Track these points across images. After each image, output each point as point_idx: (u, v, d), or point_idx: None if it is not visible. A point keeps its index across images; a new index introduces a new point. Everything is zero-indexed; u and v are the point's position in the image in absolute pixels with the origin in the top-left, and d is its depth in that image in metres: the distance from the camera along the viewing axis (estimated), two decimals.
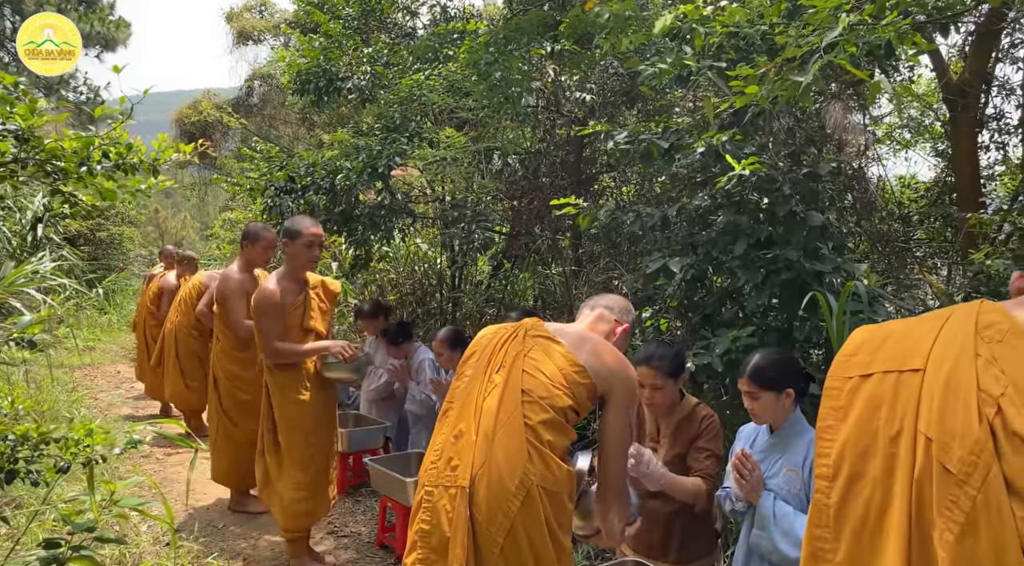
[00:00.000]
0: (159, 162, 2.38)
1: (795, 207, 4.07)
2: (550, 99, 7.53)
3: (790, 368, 3.03)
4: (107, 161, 2.24)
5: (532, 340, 2.52)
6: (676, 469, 3.36)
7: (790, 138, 4.85)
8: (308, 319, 4.42)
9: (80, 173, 2.19)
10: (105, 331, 14.72)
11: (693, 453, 3.32)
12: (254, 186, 7.21)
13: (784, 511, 2.86)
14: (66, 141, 2.20)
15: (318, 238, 4.36)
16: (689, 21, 3.41)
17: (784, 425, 3.01)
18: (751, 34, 3.37)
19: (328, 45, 7.29)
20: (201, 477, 6.10)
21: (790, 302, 4.21)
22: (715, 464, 3.29)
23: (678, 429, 3.40)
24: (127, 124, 2.47)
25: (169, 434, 2.48)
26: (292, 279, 4.40)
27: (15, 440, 2.12)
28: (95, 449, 2.27)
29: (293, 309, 4.37)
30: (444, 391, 5.22)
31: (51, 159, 2.16)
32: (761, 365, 2.97)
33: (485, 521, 2.26)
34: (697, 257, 4.53)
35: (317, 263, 4.46)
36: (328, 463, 4.54)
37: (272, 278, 4.37)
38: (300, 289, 4.43)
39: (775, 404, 2.95)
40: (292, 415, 4.35)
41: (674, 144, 4.46)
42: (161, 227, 26.03)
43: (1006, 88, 7.26)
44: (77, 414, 7.55)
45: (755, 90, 2.97)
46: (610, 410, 2.52)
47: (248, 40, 15.87)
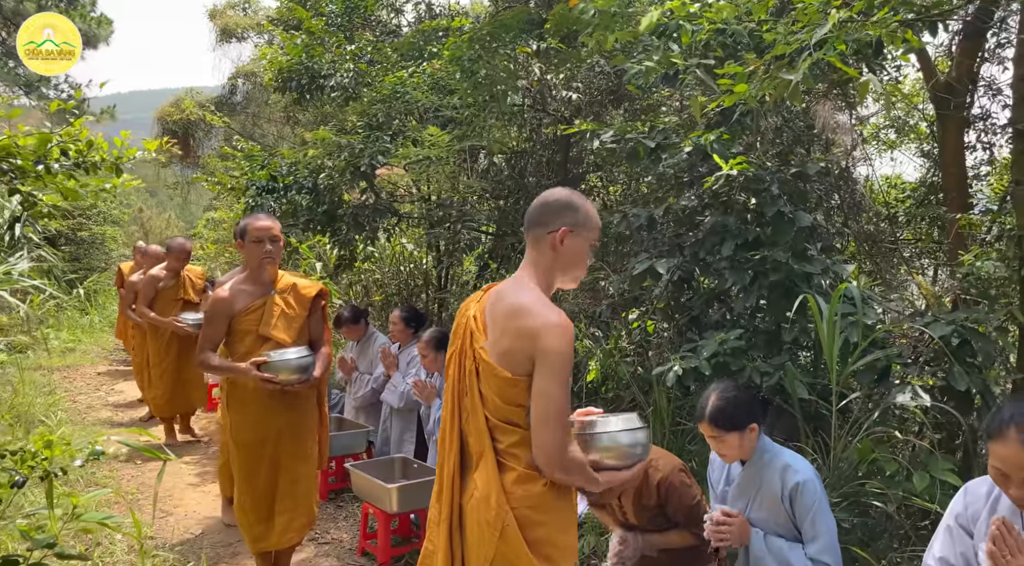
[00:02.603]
0: (122, 161, 2.28)
1: (783, 207, 4.00)
2: (536, 98, 7.44)
3: (749, 403, 2.93)
4: (66, 159, 2.14)
5: (473, 362, 2.32)
6: (655, 518, 3.28)
7: (777, 137, 4.78)
8: (265, 326, 3.92)
9: (38, 172, 2.09)
10: (86, 332, 14.53)
11: (672, 514, 3.24)
12: (236, 185, 7.10)
13: (777, 546, 2.83)
14: (21, 138, 2.10)
15: (266, 232, 3.86)
16: (676, 18, 3.34)
17: (753, 457, 2.94)
18: (739, 31, 3.29)
19: (310, 42, 7.17)
20: (180, 483, 5.98)
21: (778, 304, 4.14)
22: (698, 514, 3.16)
23: (636, 497, 3.27)
24: (109, 122, 2.37)
25: (135, 444, 2.38)
26: (252, 281, 3.98)
27: None
28: (54, 461, 2.16)
29: (245, 314, 3.92)
30: (427, 393, 5.17)
31: (6, 157, 2.06)
32: (720, 407, 2.87)
33: (472, 553, 2.31)
34: (684, 258, 4.46)
35: (275, 260, 3.96)
36: (272, 490, 4.01)
37: (229, 282, 4.04)
38: (261, 292, 3.97)
39: (741, 443, 2.89)
40: (230, 429, 4.05)
41: (660, 144, 4.39)
42: (145, 226, 25.81)
43: (992, 88, 7.21)
44: (53, 418, 7.41)
45: (744, 88, 2.89)
46: (536, 375, 2.19)
47: (231, 37, 15.69)
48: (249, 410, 3.96)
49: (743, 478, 2.97)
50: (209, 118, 12.35)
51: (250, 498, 4.01)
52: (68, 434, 7.00)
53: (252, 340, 3.94)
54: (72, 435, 7.01)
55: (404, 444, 5.56)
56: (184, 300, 7.12)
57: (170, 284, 7.06)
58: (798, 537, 2.85)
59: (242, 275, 4.05)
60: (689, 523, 3.20)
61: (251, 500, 4.01)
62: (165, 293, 7.00)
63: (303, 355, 3.90)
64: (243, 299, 3.95)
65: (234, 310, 3.92)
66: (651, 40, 3.60)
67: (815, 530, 2.78)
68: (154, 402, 7.25)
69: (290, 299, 4.04)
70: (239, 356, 3.94)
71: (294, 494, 4.05)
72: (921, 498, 3.32)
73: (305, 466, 4.11)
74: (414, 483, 4.54)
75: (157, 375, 7.02)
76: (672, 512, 3.23)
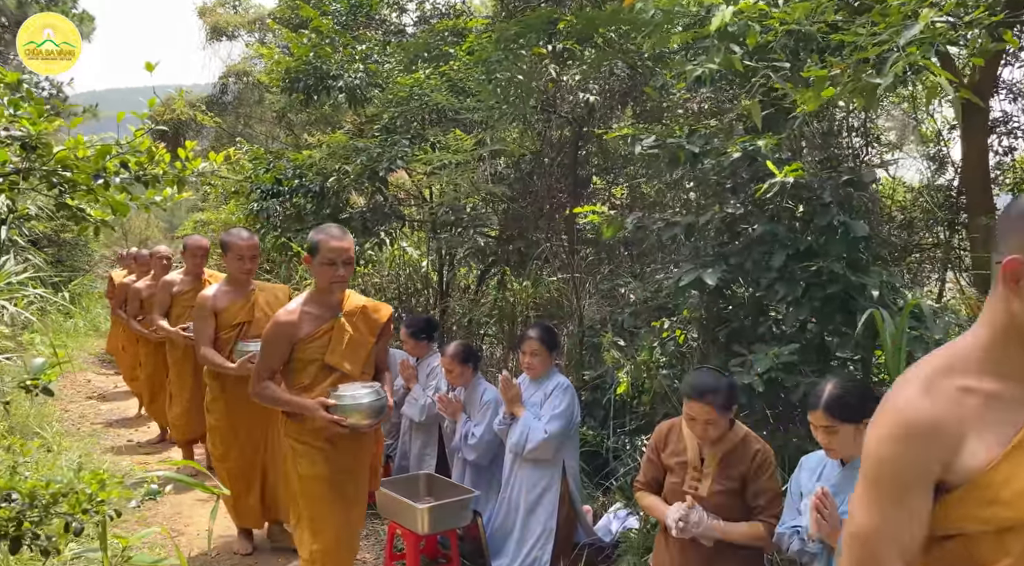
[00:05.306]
0: (185, 173, 2.07)
1: (837, 216, 3.84)
2: (547, 99, 7.26)
3: (867, 396, 2.80)
4: (125, 172, 1.93)
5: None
6: (726, 504, 3.12)
7: (825, 142, 4.63)
8: (332, 354, 3.55)
9: (92, 186, 1.88)
10: (71, 336, 14.15)
11: (752, 494, 3.08)
12: (239, 188, 6.87)
13: None
14: (82, 149, 1.88)
15: (340, 255, 3.48)
16: (745, 18, 3.17)
17: (859, 457, 2.77)
18: (811, 32, 3.13)
19: (318, 42, 6.94)
20: (188, 499, 5.73)
21: (829, 317, 3.99)
22: (778, 504, 3.04)
23: (726, 462, 3.15)
24: (92, 121, 2.16)
25: (190, 482, 2.18)
26: (318, 303, 3.60)
27: (22, 501, 1.79)
28: (110, 502, 1.95)
29: (310, 340, 3.56)
30: (453, 408, 4.97)
31: (59, 169, 1.84)
32: (838, 395, 2.73)
33: None
34: (727, 268, 4.29)
35: (346, 284, 3.61)
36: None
37: (294, 301, 3.67)
38: (328, 316, 3.58)
39: (853, 437, 2.72)
40: (292, 461, 3.73)
41: (702, 149, 4.22)
42: (124, 227, 25.31)
43: (1013, 91, 7.15)
44: (49, 429, 7.13)
45: (831, 92, 2.73)
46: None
47: (222, 36, 15.37)
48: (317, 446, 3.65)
49: (842, 477, 2.80)
50: (200, 118, 12.06)
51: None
52: (67, 447, 6.74)
53: (316, 370, 3.55)
54: (71, 447, 6.76)
55: (425, 459, 5.35)
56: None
57: (187, 289, 6.09)
58: None
59: (304, 296, 3.66)
60: (768, 508, 3.03)
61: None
62: (180, 298, 6.07)
63: (378, 397, 3.52)
64: (309, 323, 3.54)
65: (298, 335, 3.52)
66: (711, 42, 3.43)
67: None
68: (173, 424, 6.43)
69: (358, 323, 3.66)
70: (300, 389, 3.56)
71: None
72: None
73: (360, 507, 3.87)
74: (446, 503, 4.35)
75: (176, 392, 6.19)
76: (754, 493, 3.06)
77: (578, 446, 4.61)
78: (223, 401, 4.86)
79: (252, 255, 4.79)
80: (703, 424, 3.06)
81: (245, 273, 4.79)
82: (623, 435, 5.31)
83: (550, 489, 4.34)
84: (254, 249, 4.81)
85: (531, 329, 4.54)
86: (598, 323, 6.26)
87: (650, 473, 3.38)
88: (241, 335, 4.83)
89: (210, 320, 4.76)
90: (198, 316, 4.81)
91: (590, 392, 5.78)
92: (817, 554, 2.77)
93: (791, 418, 4.22)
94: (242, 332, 4.83)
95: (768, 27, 3.19)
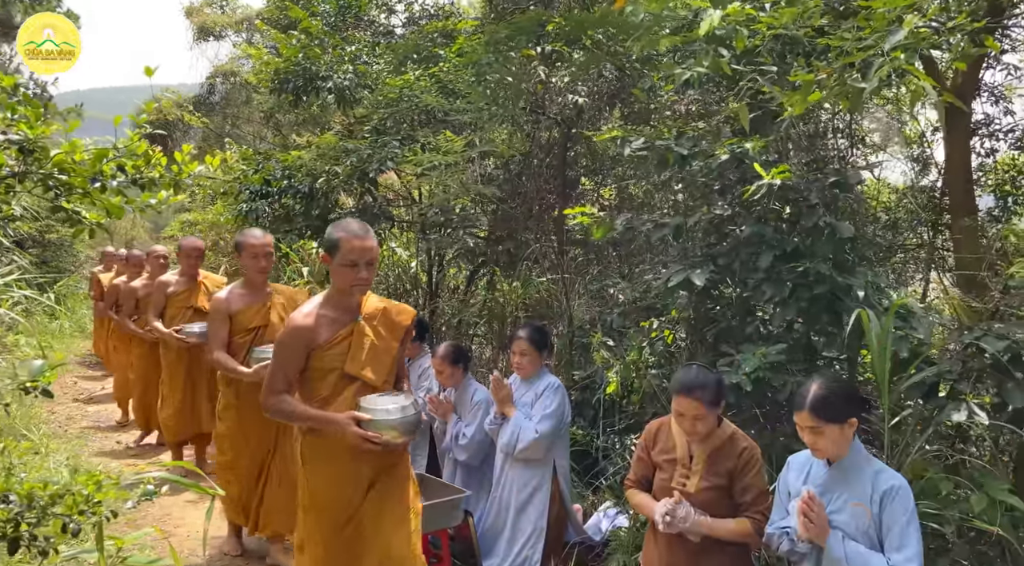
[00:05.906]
0: (181, 176, 2.08)
1: (823, 217, 3.89)
2: (536, 101, 7.30)
3: (852, 396, 2.84)
4: (122, 175, 1.94)
5: None
6: (713, 501, 3.16)
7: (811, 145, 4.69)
8: (353, 362, 3.19)
9: (88, 189, 1.89)
10: (56, 338, 14.07)
11: (739, 491, 3.12)
12: (228, 189, 6.86)
13: (856, 550, 2.67)
14: (79, 153, 1.89)
15: (364, 255, 3.12)
16: (733, 22, 3.21)
17: (850, 454, 2.81)
18: (798, 36, 3.18)
19: (307, 43, 6.95)
20: (179, 500, 5.73)
21: (816, 317, 4.04)
22: (764, 501, 3.08)
23: (714, 458, 3.20)
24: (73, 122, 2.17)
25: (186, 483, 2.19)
26: (335, 306, 3.23)
27: (19, 502, 1.80)
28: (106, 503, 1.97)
29: (329, 347, 3.19)
30: (443, 409, 4.99)
31: (56, 173, 1.85)
32: (822, 395, 2.75)
33: None
34: (714, 269, 4.33)
35: (367, 288, 3.24)
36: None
37: (309, 304, 3.28)
38: (347, 319, 3.23)
39: (839, 437, 2.75)
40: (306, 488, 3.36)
41: (691, 151, 4.26)
42: (110, 227, 25.18)
43: (995, 94, 7.24)
44: (36, 431, 7.10)
45: (818, 96, 2.77)
46: None
47: (209, 36, 15.32)
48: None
49: (829, 477, 2.83)
50: (187, 118, 12.02)
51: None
52: (55, 449, 6.72)
53: (336, 380, 3.17)
54: (59, 449, 6.74)
55: (416, 460, 5.36)
56: (195, 309, 6.10)
57: (181, 290, 6.11)
58: (875, 546, 2.71)
59: (320, 297, 3.30)
60: (755, 504, 3.08)
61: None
62: (175, 299, 6.08)
63: (413, 412, 3.15)
64: (326, 328, 3.16)
65: (316, 342, 3.14)
66: (700, 45, 3.46)
67: (904, 538, 2.63)
68: (164, 425, 6.38)
69: (380, 328, 3.28)
70: (319, 401, 3.19)
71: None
72: (980, 519, 3.22)
73: (402, 530, 3.26)
74: (437, 503, 4.37)
75: (168, 393, 6.17)
76: (741, 489, 3.10)
77: (568, 445, 4.65)
78: (236, 409, 4.70)
79: (267, 253, 4.68)
80: (691, 420, 3.10)
81: (260, 272, 4.68)
82: (613, 434, 5.35)
83: (541, 488, 4.38)
84: (269, 247, 4.71)
85: (521, 329, 4.58)
86: (587, 323, 6.29)
87: (640, 471, 3.42)
88: (256, 340, 4.68)
89: (224, 323, 4.63)
90: (212, 319, 4.70)
91: (580, 392, 5.82)
92: (807, 554, 2.80)
93: (778, 417, 4.27)
94: (257, 337, 4.70)
95: (756, 31, 3.23)
